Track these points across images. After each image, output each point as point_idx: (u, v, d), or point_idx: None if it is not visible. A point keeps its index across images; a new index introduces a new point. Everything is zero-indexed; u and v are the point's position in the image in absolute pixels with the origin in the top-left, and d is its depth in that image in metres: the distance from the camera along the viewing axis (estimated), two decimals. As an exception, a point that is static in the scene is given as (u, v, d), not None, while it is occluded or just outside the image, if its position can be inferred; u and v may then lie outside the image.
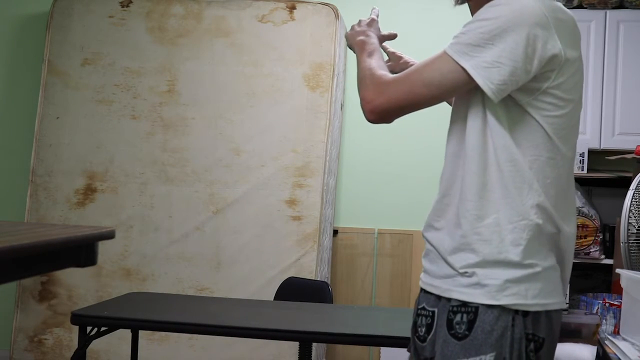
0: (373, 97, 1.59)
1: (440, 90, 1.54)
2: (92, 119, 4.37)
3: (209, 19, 4.39)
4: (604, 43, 4.12)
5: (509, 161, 1.51)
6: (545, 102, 1.51)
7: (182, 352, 4.11)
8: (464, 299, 1.51)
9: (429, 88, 1.53)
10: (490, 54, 1.47)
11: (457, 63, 1.49)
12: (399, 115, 1.60)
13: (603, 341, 2.71)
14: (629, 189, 2.99)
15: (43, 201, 4.34)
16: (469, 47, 1.48)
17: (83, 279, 4.23)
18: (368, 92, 1.61)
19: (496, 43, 1.46)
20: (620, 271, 2.77)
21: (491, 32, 1.47)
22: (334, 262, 4.47)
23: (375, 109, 1.59)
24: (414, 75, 1.56)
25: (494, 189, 1.51)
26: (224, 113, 4.30)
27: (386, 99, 1.58)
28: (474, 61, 1.48)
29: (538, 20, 1.47)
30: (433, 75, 1.53)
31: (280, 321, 2.89)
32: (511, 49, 1.46)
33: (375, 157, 4.53)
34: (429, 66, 1.54)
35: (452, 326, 1.51)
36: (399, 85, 1.57)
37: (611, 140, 4.12)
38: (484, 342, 1.47)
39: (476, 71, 1.48)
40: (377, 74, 1.63)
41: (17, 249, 1.24)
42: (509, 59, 1.46)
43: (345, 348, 4.43)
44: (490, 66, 1.47)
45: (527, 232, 1.50)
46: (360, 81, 1.66)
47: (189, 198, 4.26)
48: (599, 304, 3.81)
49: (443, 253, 1.56)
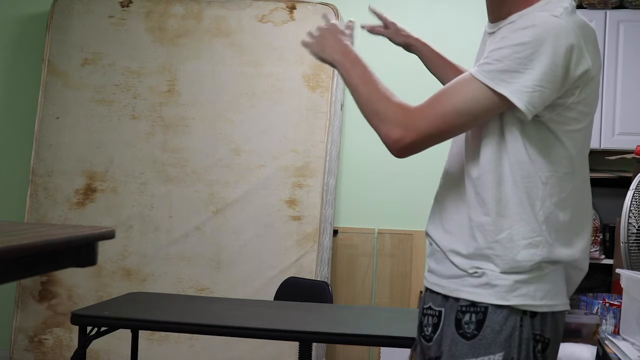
0: (402, 135, 1.48)
1: (473, 118, 1.48)
2: (92, 119, 4.37)
3: (209, 19, 4.39)
4: (604, 43, 4.12)
5: (524, 177, 1.49)
6: (568, 117, 1.50)
7: (182, 352, 4.11)
8: (473, 299, 1.51)
9: (462, 117, 1.47)
10: (530, 78, 1.43)
11: (493, 90, 1.44)
12: (430, 146, 1.51)
13: (603, 341, 2.71)
14: (629, 189, 2.99)
15: (43, 201, 4.34)
16: (506, 73, 1.44)
17: (83, 279, 4.23)
18: (393, 129, 1.49)
19: (534, 67, 1.43)
20: (620, 271, 2.77)
21: (529, 57, 1.43)
22: (334, 262, 4.47)
23: (407, 147, 1.49)
24: (444, 103, 1.48)
25: (509, 204, 1.50)
26: (224, 113, 4.30)
27: (417, 135, 1.48)
28: (513, 87, 1.43)
29: (572, 40, 1.44)
30: (466, 103, 1.46)
31: (280, 321, 2.89)
32: (551, 72, 1.43)
33: (375, 157, 4.53)
34: (460, 94, 1.47)
35: (460, 326, 1.51)
36: (429, 117, 1.48)
37: (611, 140, 4.12)
38: (492, 341, 1.48)
39: (517, 97, 1.43)
40: (395, 104, 1.52)
41: (17, 249, 1.24)
42: (549, 82, 1.43)
43: (345, 348, 4.42)
44: (532, 91, 1.43)
45: (541, 249, 1.50)
46: (375, 114, 1.53)
47: (189, 198, 4.26)
48: (599, 304, 3.80)
49: (452, 256, 1.56)
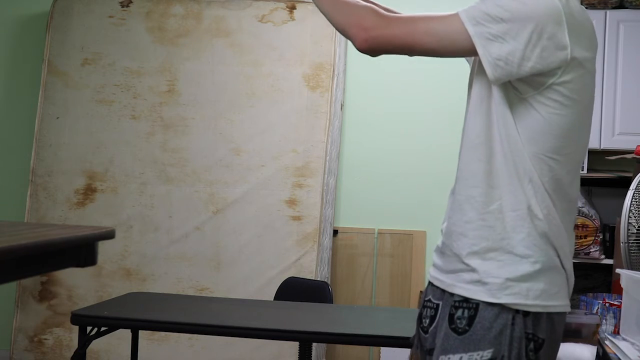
0: (372, 26, 1.56)
1: (440, 45, 1.54)
2: (92, 119, 4.37)
3: (209, 19, 4.39)
4: (604, 43, 4.12)
5: (513, 151, 1.52)
6: (551, 99, 1.51)
7: (182, 352, 4.11)
8: (466, 294, 1.53)
9: (431, 38, 1.53)
10: (496, 28, 1.48)
11: (465, 26, 1.50)
12: (388, 52, 1.59)
13: (603, 341, 2.71)
14: (629, 189, 3.00)
15: (43, 201, 4.34)
16: (481, 15, 1.49)
17: (83, 279, 4.23)
18: (366, 19, 1.57)
19: (505, 21, 1.47)
20: (620, 271, 2.77)
21: (506, 11, 1.48)
22: (334, 262, 4.47)
23: (371, 39, 1.57)
24: (420, 21, 1.55)
25: (499, 176, 1.53)
26: (224, 113, 4.30)
27: (387, 34, 1.56)
28: (480, 29, 1.49)
29: (551, 13, 1.48)
30: (439, 27, 1.53)
31: (280, 321, 2.89)
32: (517, 30, 1.47)
33: (375, 157, 4.53)
34: (438, 19, 1.54)
35: (453, 320, 1.53)
36: (403, 25, 1.56)
37: (611, 140, 4.12)
38: (482, 338, 1.49)
39: (479, 39, 1.49)
40: (373, 5, 1.61)
41: (17, 249, 1.24)
42: (512, 38, 1.47)
43: (345, 348, 4.42)
44: (493, 39, 1.48)
45: (528, 222, 1.51)
46: (345, 6, 1.63)
47: (189, 198, 4.26)
48: (599, 304, 3.80)
49: (449, 243, 1.60)
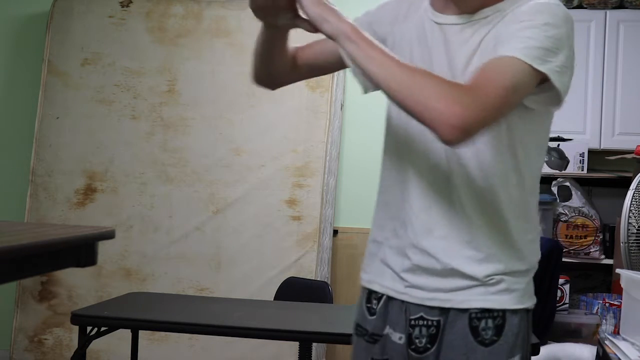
0: (463, 110, 1.25)
1: (520, 97, 1.36)
2: (92, 119, 4.37)
3: (209, 19, 4.39)
4: (604, 43, 4.12)
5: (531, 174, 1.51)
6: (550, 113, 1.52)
7: (182, 352, 4.11)
8: (488, 306, 1.46)
9: (517, 94, 1.33)
10: (560, 59, 1.36)
11: (535, 68, 1.33)
12: (489, 126, 1.32)
13: (603, 341, 2.71)
14: (629, 189, 3.00)
15: (43, 201, 4.34)
16: (542, 52, 1.34)
17: (83, 279, 4.23)
18: (452, 106, 1.26)
19: (560, 48, 1.37)
20: (620, 271, 2.78)
21: (555, 37, 1.36)
22: (334, 262, 4.47)
23: (467, 125, 1.26)
24: (499, 78, 1.30)
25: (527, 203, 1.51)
26: (224, 113, 4.30)
27: (481, 110, 1.27)
28: (549, 66, 1.34)
29: (572, 28, 1.43)
30: (512, 80, 1.31)
31: (280, 321, 2.89)
32: (571, 54, 1.40)
33: (375, 157, 4.48)
34: (507, 71, 1.31)
35: (478, 333, 1.46)
36: (493, 89, 1.29)
37: (611, 140, 4.11)
38: (513, 345, 1.47)
39: (553, 75, 1.35)
40: (445, 79, 1.32)
41: (17, 249, 1.24)
42: (571, 64, 1.40)
43: (345, 348, 4.42)
44: (561, 71, 1.36)
45: (538, 243, 1.55)
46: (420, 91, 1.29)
47: (189, 198, 4.25)
48: (599, 304, 3.81)
49: (450, 263, 1.47)
